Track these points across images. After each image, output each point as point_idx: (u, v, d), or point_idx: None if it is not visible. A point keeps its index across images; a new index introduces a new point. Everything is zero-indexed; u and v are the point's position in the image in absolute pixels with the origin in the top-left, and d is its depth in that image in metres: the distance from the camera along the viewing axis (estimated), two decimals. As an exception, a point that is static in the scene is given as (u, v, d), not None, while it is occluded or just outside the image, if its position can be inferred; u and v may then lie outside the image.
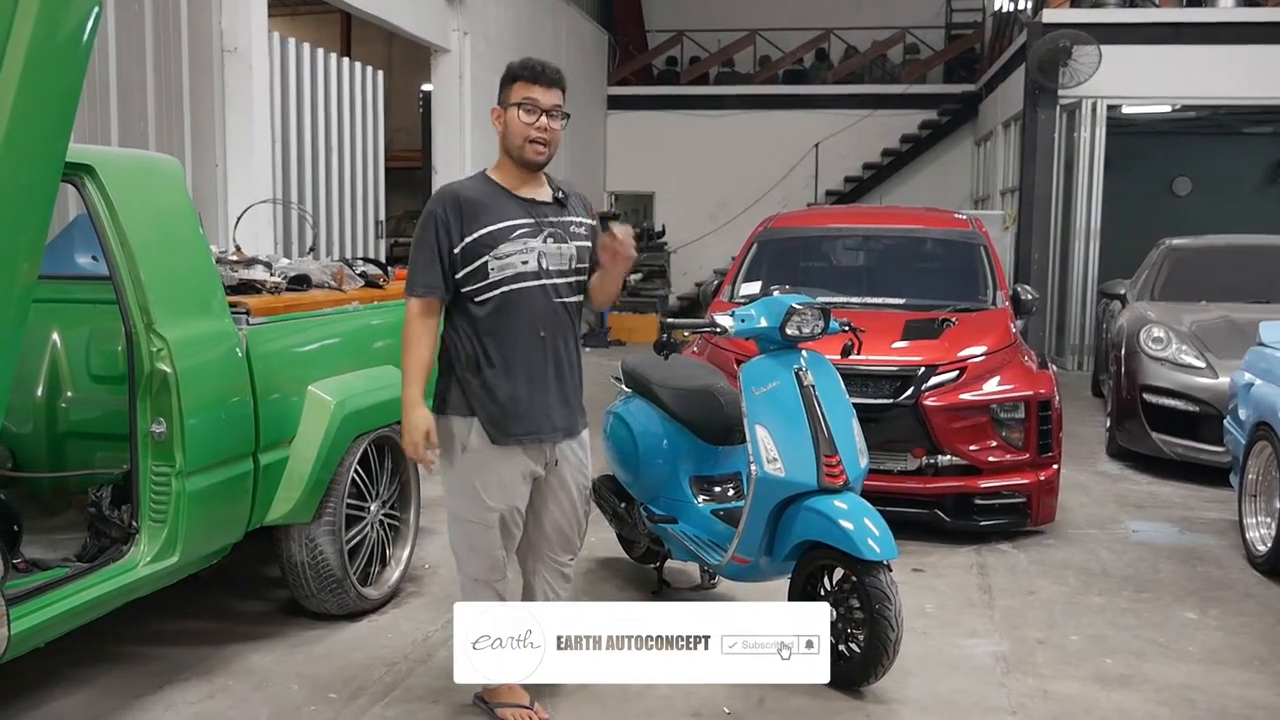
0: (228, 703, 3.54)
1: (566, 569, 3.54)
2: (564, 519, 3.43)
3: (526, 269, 3.20)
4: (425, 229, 3.20)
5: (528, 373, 3.23)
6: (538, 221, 3.23)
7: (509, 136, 3.23)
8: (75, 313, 4.23)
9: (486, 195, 3.23)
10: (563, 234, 3.28)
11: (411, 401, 3.18)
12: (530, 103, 3.19)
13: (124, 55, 6.73)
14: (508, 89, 3.24)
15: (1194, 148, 16.34)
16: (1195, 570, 5.11)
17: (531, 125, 3.19)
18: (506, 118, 3.22)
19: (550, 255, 3.24)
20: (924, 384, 5.28)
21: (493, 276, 3.18)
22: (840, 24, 18.31)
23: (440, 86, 11.83)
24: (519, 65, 3.24)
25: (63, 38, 2.55)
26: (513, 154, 3.24)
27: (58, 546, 3.61)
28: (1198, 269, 8.30)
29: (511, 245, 3.18)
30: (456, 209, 3.18)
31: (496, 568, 3.34)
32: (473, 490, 3.25)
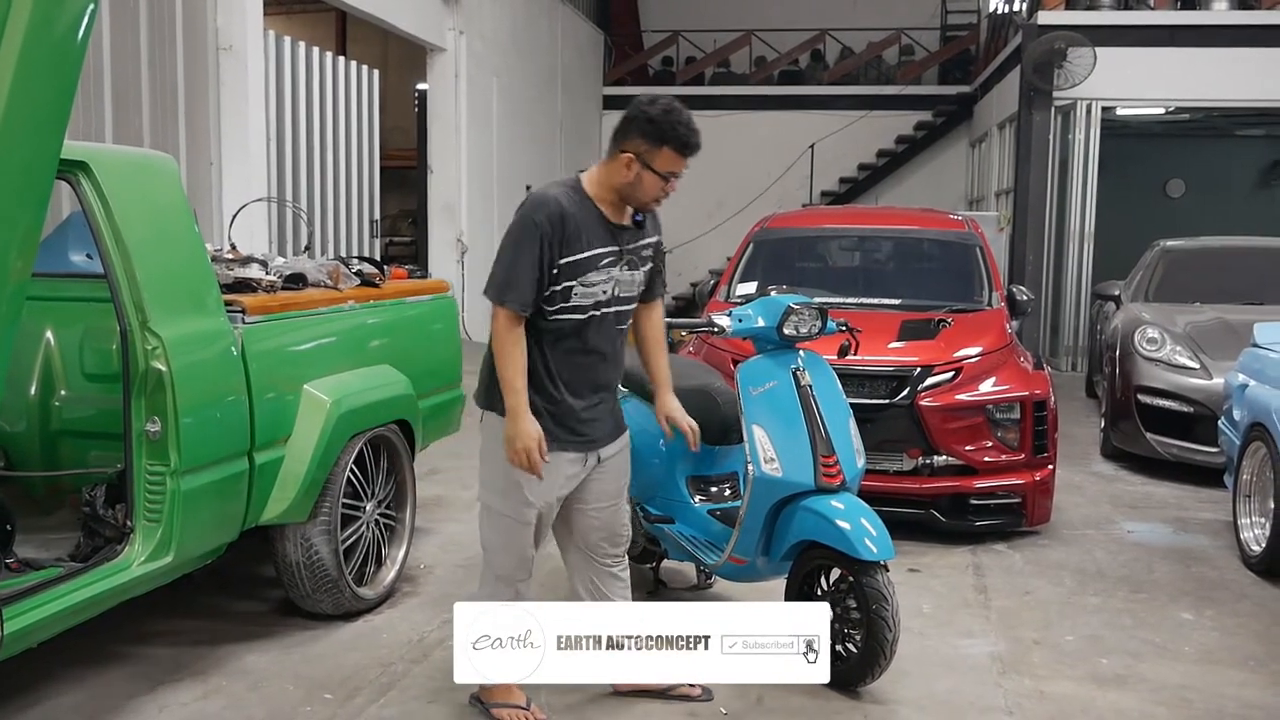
0: (222, 703, 3.53)
1: (615, 568, 3.52)
2: (603, 519, 3.43)
3: (603, 298, 3.20)
4: (528, 239, 3.08)
5: (582, 388, 3.24)
6: (620, 250, 3.21)
7: (637, 190, 3.15)
8: (69, 311, 4.21)
9: (584, 216, 3.15)
10: (636, 259, 3.27)
11: (517, 412, 3.10)
12: (674, 176, 3.16)
13: (119, 53, 6.72)
14: (655, 150, 3.10)
15: (1188, 150, 16.40)
16: (1190, 571, 5.12)
17: (664, 190, 3.19)
18: (643, 176, 3.13)
19: (623, 283, 3.25)
20: (920, 384, 5.28)
21: (574, 301, 3.15)
22: (836, 25, 18.34)
23: (436, 86, 11.82)
24: (677, 134, 3.10)
25: (58, 35, 2.54)
26: (631, 200, 3.20)
27: (51, 546, 3.58)
28: (1192, 270, 8.32)
29: (598, 274, 3.16)
30: (560, 226, 3.09)
31: (524, 565, 3.32)
32: (515, 486, 3.21)
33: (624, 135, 3.15)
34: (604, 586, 3.51)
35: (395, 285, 4.84)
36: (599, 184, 3.20)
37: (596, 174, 3.22)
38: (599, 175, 3.21)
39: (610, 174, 3.18)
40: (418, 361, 4.63)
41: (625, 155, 3.12)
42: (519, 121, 13.79)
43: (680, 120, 3.11)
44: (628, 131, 3.14)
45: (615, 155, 3.16)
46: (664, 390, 3.58)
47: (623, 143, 3.14)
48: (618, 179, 3.16)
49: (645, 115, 3.11)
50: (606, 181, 3.19)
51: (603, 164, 3.22)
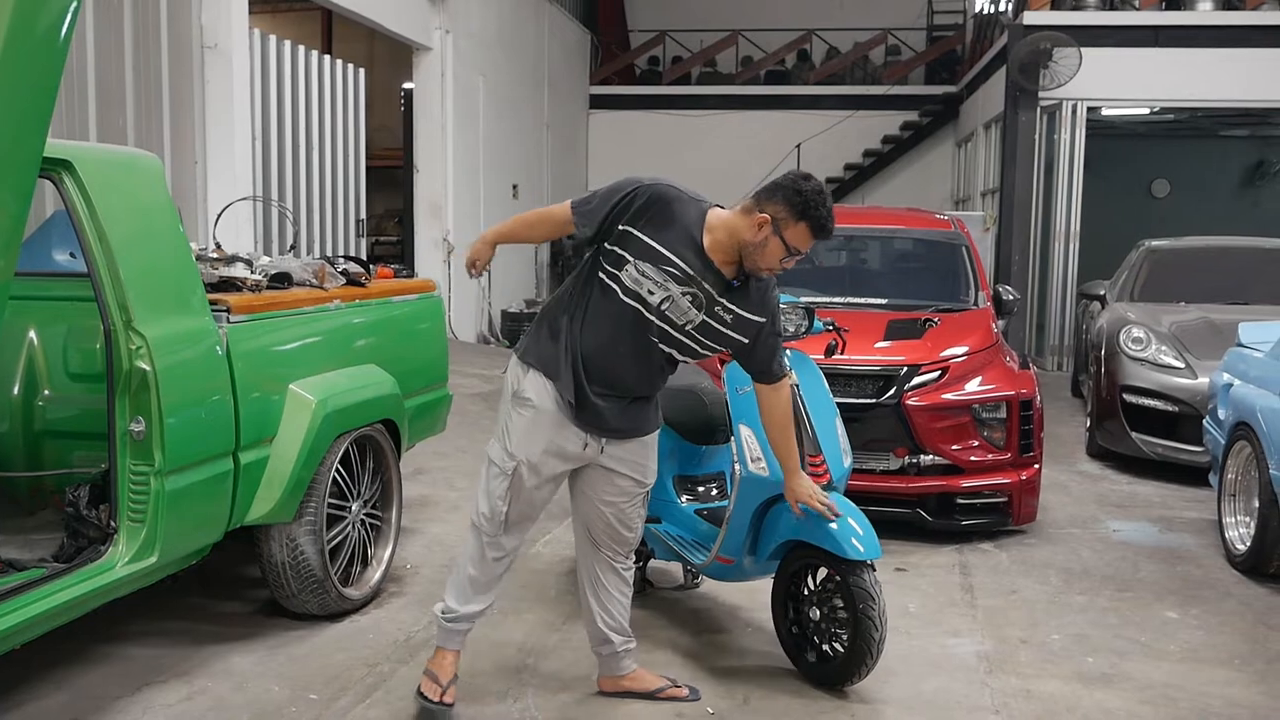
0: (207, 704, 3.51)
1: (618, 564, 3.52)
2: (610, 510, 3.42)
3: (650, 300, 3.17)
4: (624, 186, 3.19)
5: (597, 367, 3.23)
6: (695, 278, 3.17)
7: (757, 252, 3.15)
8: (53, 310, 4.18)
9: (686, 223, 3.17)
10: (705, 304, 3.20)
11: (487, 239, 3.45)
12: (798, 253, 3.19)
13: (103, 50, 6.68)
14: (793, 223, 3.12)
15: (1172, 150, 16.48)
16: (1175, 569, 5.14)
17: (783, 265, 3.20)
18: (770, 242, 3.14)
19: (676, 306, 3.18)
20: (907, 384, 5.30)
21: (623, 277, 3.17)
22: (822, 25, 18.37)
23: (422, 85, 11.79)
24: (819, 215, 3.13)
25: (40, 32, 2.52)
26: (747, 259, 3.19)
27: (34, 547, 3.56)
28: (1177, 270, 8.36)
29: (655, 273, 3.15)
30: (655, 204, 3.15)
31: (494, 518, 3.33)
32: (505, 433, 3.31)
33: (768, 197, 3.17)
34: (605, 580, 3.52)
35: (381, 284, 4.83)
36: (722, 224, 3.20)
37: (728, 217, 3.22)
38: (728, 220, 3.21)
39: (739, 226, 3.17)
40: (404, 361, 4.62)
41: (761, 215, 3.14)
42: (505, 121, 13.77)
43: (826, 204, 3.15)
44: (773, 195, 3.16)
45: (751, 212, 3.17)
46: (792, 474, 3.53)
47: (764, 204, 3.16)
48: (745, 234, 3.16)
49: (795, 187, 3.14)
50: (731, 229, 3.18)
51: (738, 213, 3.21)
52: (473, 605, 3.42)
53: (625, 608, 3.57)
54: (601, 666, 3.63)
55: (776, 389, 3.43)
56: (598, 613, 3.54)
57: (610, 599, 3.53)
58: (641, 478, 3.44)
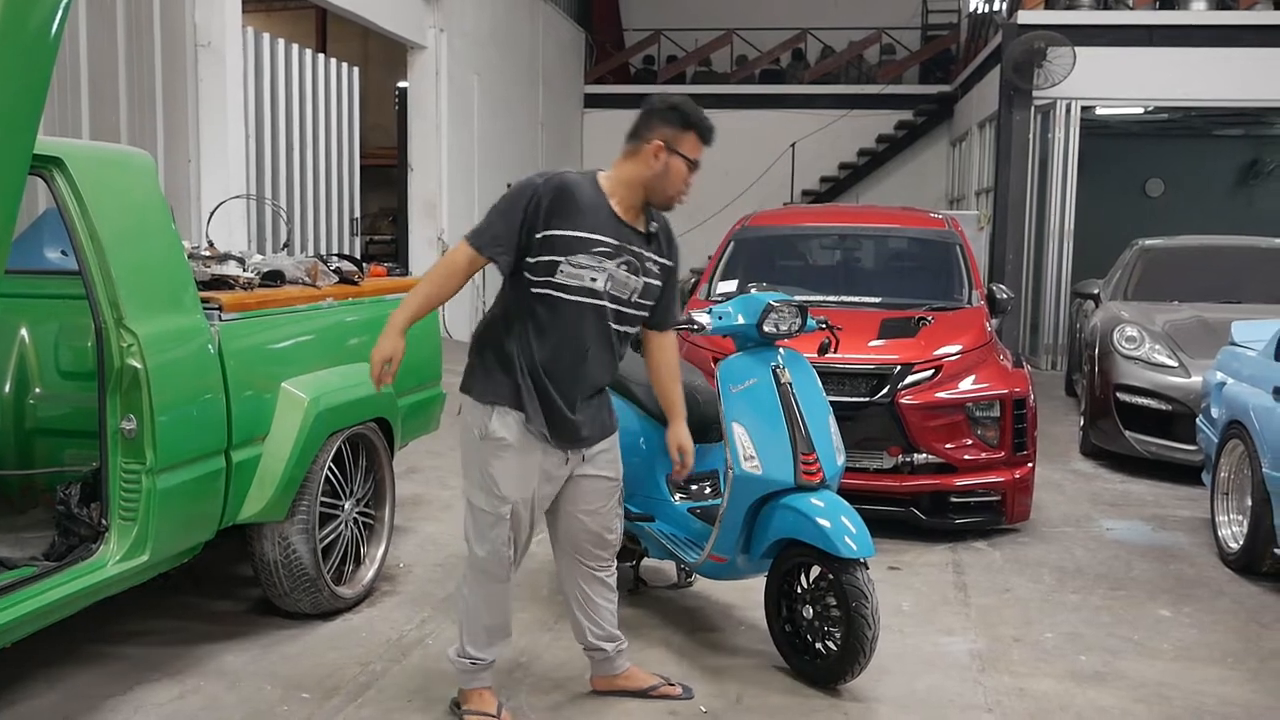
0: (199, 703, 3.50)
1: (601, 573, 3.49)
2: (590, 523, 3.40)
3: (593, 286, 3.15)
4: (520, 196, 3.11)
5: (563, 379, 3.19)
6: (621, 245, 3.18)
7: (665, 182, 3.19)
8: (44, 308, 4.17)
9: (591, 201, 3.15)
10: (637, 265, 3.23)
11: (396, 327, 3.17)
12: (697, 163, 3.22)
13: (95, 47, 6.66)
14: (681, 134, 3.17)
15: (1166, 149, 16.51)
16: (1169, 568, 5.14)
17: (688, 182, 3.23)
18: (672, 163, 3.17)
19: (617, 281, 3.19)
20: (900, 382, 5.29)
21: (559, 279, 3.12)
22: (817, 24, 18.39)
23: (416, 84, 11.78)
24: (700, 119, 3.20)
25: (31, 28, 2.50)
26: (655, 193, 3.21)
27: (25, 545, 3.55)
28: (1170, 269, 8.37)
29: (589, 259, 3.13)
30: (558, 198, 3.10)
31: (500, 562, 3.26)
32: (488, 478, 3.20)
33: (647, 127, 3.19)
34: (590, 591, 3.49)
35: (374, 283, 4.82)
36: (618, 182, 3.21)
37: (616, 173, 3.23)
38: (620, 174, 3.22)
39: (635, 169, 3.19)
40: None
41: (654, 144, 3.15)
42: (500, 120, 13.76)
43: (700, 110, 3.22)
44: (651, 123, 3.19)
45: (640, 148, 3.18)
46: (677, 420, 3.56)
47: (647, 134, 3.18)
48: (644, 171, 3.18)
49: (668, 104, 3.21)
50: (629, 179, 3.20)
51: (624, 160, 3.22)
52: (496, 649, 3.38)
53: (613, 613, 3.56)
54: (594, 667, 3.62)
55: (665, 338, 3.49)
56: (588, 627, 3.51)
57: (598, 610, 3.51)
58: (617, 476, 3.44)
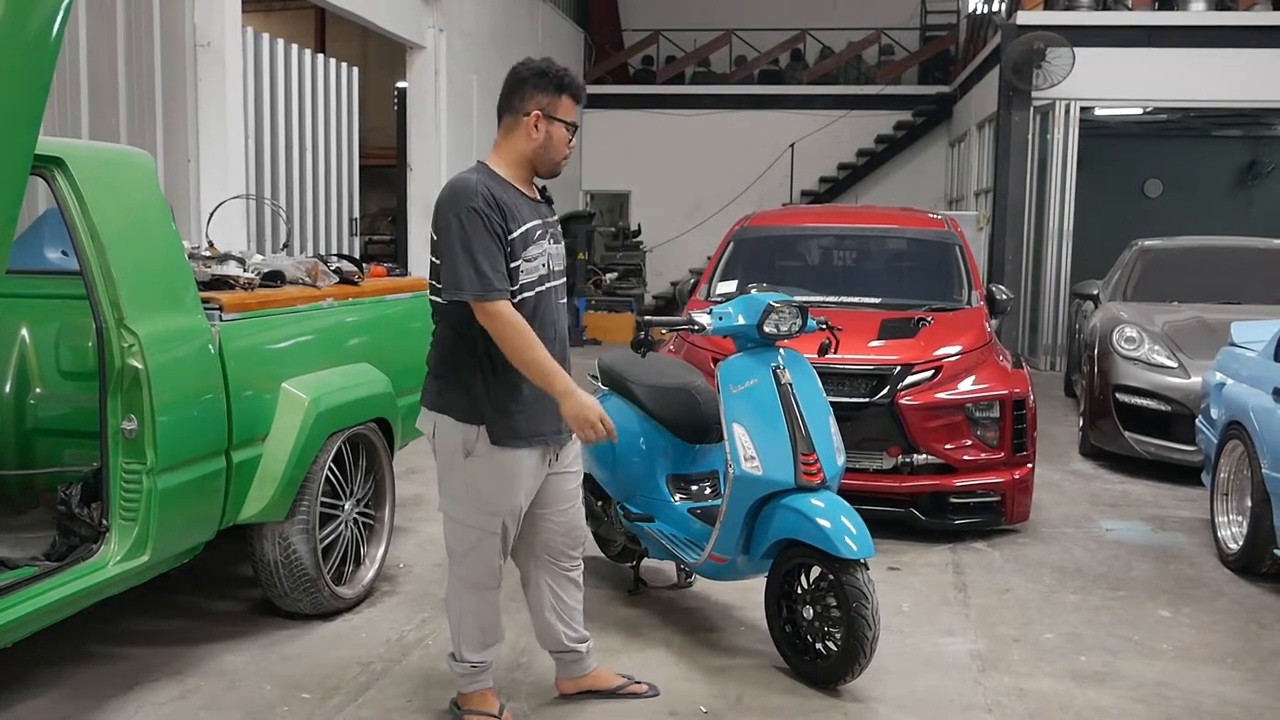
0: (199, 703, 3.50)
1: (573, 573, 3.48)
2: (564, 519, 3.40)
3: (544, 271, 3.16)
4: (476, 228, 2.99)
5: None
6: (543, 221, 3.20)
7: (549, 149, 3.16)
8: (44, 308, 4.17)
9: (509, 194, 3.11)
10: (556, 233, 3.27)
11: (570, 390, 3.04)
12: (574, 125, 3.20)
13: (95, 48, 6.65)
14: (556, 99, 3.14)
15: (1165, 150, 16.52)
16: (1168, 568, 5.15)
17: (570, 144, 3.22)
18: (552, 130, 3.14)
19: (554, 256, 3.22)
20: (900, 383, 5.30)
21: (522, 279, 3.08)
22: (816, 24, 18.38)
23: (415, 84, 11.76)
24: (570, 80, 3.16)
25: (32, 29, 2.50)
26: (542, 163, 3.19)
27: (26, 545, 3.55)
28: (1169, 270, 8.37)
29: (535, 248, 3.12)
30: (497, 208, 3.04)
31: (492, 574, 3.25)
32: (476, 496, 3.17)
33: (519, 98, 3.15)
34: (563, 593, 3.48)
35: (374, 283, 4.82)
36: (507, 161, 3.18)
37: (501, 155, 3.19)
38: (504, 154, 3.19)
39: (517, 144, 3.16)
40: (397, 359, 4.60)
41: (531, 116, 3.13)
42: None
43: (566, 69, 3.19)
44: (522, 92, 3.15)
45: (517, 122, 3.15)
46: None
47: (522, 106, 3.14)
48: (528, 145, 3.15)
49: (535, 70, 3.15)
50: (515, 155, 3.18)
51: (503, 140, 3.20)
52: (493, 651, 3.38)
53: (581, 612, 3.55)
54: (561, 670, 3.60)
55: None
56: (562, 630, 3.49)
57: (570, 612, 3.50)
58: (580, 469, 3.48)
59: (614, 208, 18.32)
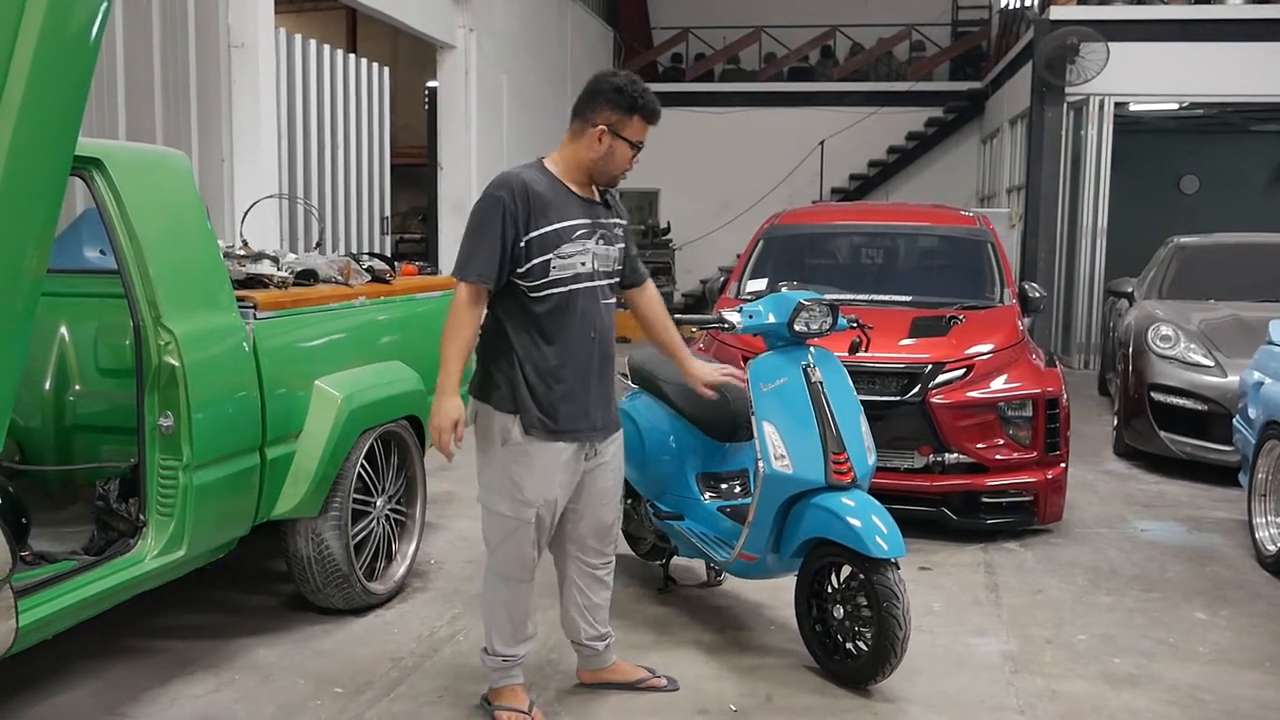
0: (234, 696, 3.54)
1: (601, 572, 3.50)
2: (596, 517, 3.42)
3: (584, 270, 3.19)
4: (490, 215, 3.10)
5: (577, 371, 3.21)
6: (593, 223, 3.23)
7: (608, 163, 3.21)
8: (83, 306, 4.23)
9: (551, 190, 3.17)
10: (610, 235, 3.29)
11: (446, 389, 3.10)
12: (641, 145, 3.24)
13: (131, 50, 6.73)
14: (626, 120, 3.17)
15: (1201, 145, 16.32)
16: (1204, 570, 5.09)
17: (632, 161, 3.26)
18: (615, 147, 3.19)
19: (600, 257, 3.25)
20: (931, 381, 5.27)
21: (553, 275, 3.14)
22: (846, 21, 18.30)
23: (446, 83, 11.82)
24: (646, 103, 3.18)
25: (72, 34, 2.54)
26: (599, 174, 3.25)
27: (65, 539, 3.60)
28: (1206, 267, 8.28)
29: (573, 246, 3.16)
30: (526, 200, 3.10)
31: (525, 565, 3.29)
32: (511, 484, 3.20)
33: (591, 109, 3.19)
34: (589, 591, 3.50)
35: (406, 281, 4.86)
36: (565, 162, 3.25)
37: (562, 155, 3.26)
38: (565, 155, 3.25)
39: (579, 150, 3.22)
40: (428, 357, 4.57)
41: (597, 129, 3.17)
42: (529, 118, 13.78)
43: (644, 89, 3.20)
44: (596, 105, 3.19)
45: (584, 131, 3.20)
46: (687, 360, 3.65)
47: (592, 117, 3.19)
48: (588, 154, 3.21)
49: (613, 86, 3.18)
50: (574, 159, 3.23)
51: (568, 143, 3.25)
52: (525, 646, 3.41)
53: (607, 610, 3.58)
54: (582, 662, 3.64)
55: (645, 289, 3.54)
56: (583, 626, 3.53)
57: (595, 610, 3.53)
58: (621, 470, 3.49)
59: (643, 206, 18.31)
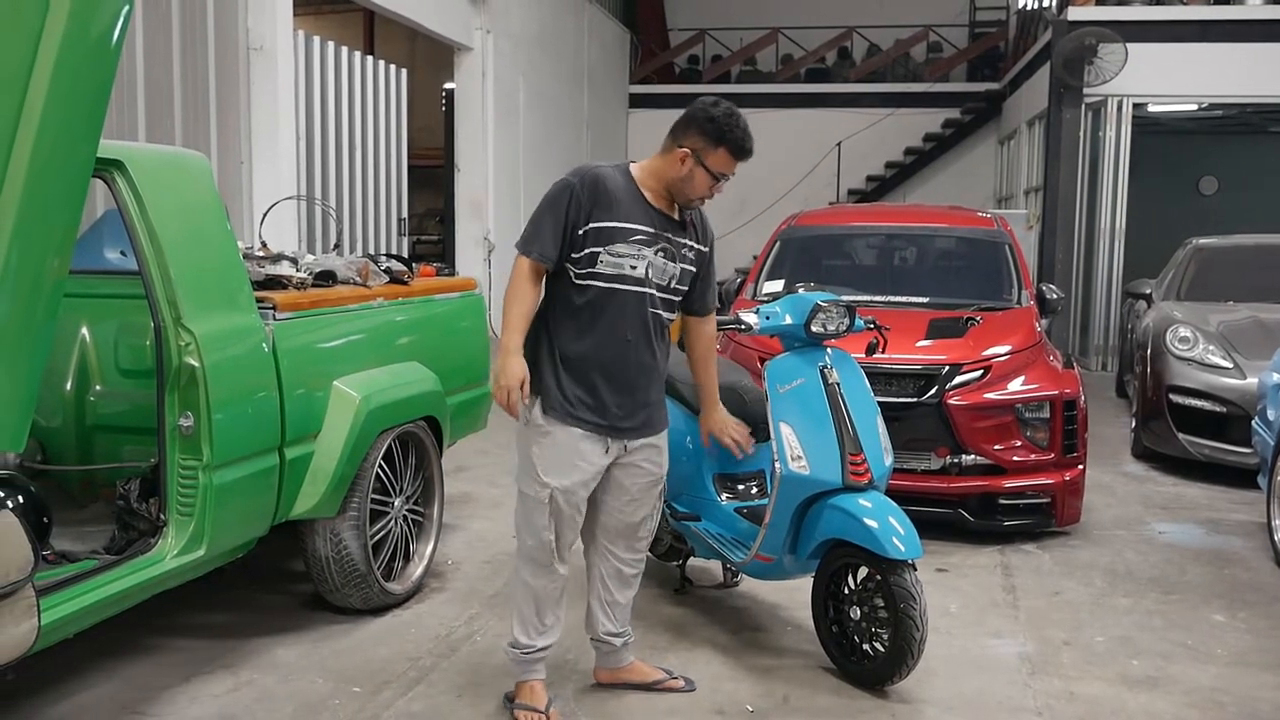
0: (253, 695, 3.56)
1: (628, 571, 3.54)
2: (623, 516, 3.45)
3: (634, 274, 3.24)
4: (560, 197, 3.20)
5: (602, 367, 3.26)
6: (657, 233, 3.28)
7: (687, 186, 3.27)
8: (104, 307, 4.26)
9: (624, 191, 3.25)
10: (674, 252, 3.32)
11: (509, 349, 3.17)
12: (726, 177, 3.29)
13: (151, 53, 6.78)
14: (713, 150, 3.22)
15: (1220, 146, 16.22)
16: (1223, 572, 5.07)
17: (712, 191, 3.30)
18: (696, 173, 3.24)
19: (656, 268, 3.28)
20: (949, 383, 5.26)
21: (600, 269, 3.21)
22: (863, 22, 18.27)
23: (463, 85, 11.86)
24: (735, 137, 3.23)
25: (94, 37, 2.56)
26: (677, 193, 3.30)
27: (86, 539, 3.63)
28: (1225, 268, 8.23)
29: (627, 247, 3.22)
30: (594, 191, 3.20)
31: (544, 548, 3.32)
32: (530, 464, 3.29)
33: (683, 132, 3.26)
34: (614, 587, 3.54)
35: (423, 283, 4.87)
36: (649, 173, 3.32)
37: (648, 165, 3.33)
38: (651, 166, 3.33)
39: (663, 167, 3.28)
40: (446, 358, 4.66)
41: (682, 150, 3.24)
42: (545, 120, 13.81)
43: (739, 124, 3.25)
44: (688, 128, 3.25)
45: (671, 149, 3.26)
46: (710, 406, 3.72)
47: (681, 138, 3.26)
48: (670, 173, 3.27)
49: (707, 115, 3.24)
50: (658, 173, 3.30)
51: (657, 156, 3.32)
52: (547, 638, 3.43)
53: (628, 610, 3.60)
54: (600, 659, 3.67)
55: (705, 321, 3.58)
56: (602, 621, 3.56)
57: (617, 607, 3.56)
58: (659, 472, 3.48)
59: (660, 207, 18.31)
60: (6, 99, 2.42)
